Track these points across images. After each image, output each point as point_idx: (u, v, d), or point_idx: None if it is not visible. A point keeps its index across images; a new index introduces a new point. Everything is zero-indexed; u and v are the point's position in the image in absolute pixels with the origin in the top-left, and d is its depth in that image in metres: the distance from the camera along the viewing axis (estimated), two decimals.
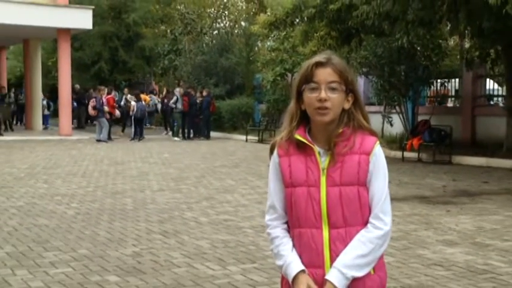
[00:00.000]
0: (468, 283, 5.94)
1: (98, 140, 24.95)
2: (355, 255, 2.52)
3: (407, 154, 18.03)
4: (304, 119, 2.65)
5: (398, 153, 18.17)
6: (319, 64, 2.58)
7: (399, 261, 6.70)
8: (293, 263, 2.61)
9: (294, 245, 2.64)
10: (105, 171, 15.12)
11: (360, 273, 2.53)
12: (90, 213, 9.52)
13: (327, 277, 2.53)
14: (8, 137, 25.70)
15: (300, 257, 2.61)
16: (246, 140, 25.71)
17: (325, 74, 2.56)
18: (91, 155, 19.22)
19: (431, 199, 11.04)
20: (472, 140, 19.44)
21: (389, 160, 16.99)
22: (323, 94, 2.53)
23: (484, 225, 8.69)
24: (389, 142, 19.66)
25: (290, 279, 2.60)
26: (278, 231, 2.71)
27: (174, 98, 27.00)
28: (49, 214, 9.44)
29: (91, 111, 25.72)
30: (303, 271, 2.58)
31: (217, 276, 6.15)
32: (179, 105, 26.74)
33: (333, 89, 2.55)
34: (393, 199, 10.25)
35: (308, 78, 2.58)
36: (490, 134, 18.70)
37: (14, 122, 33.94)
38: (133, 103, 27.01)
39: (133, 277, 6.10)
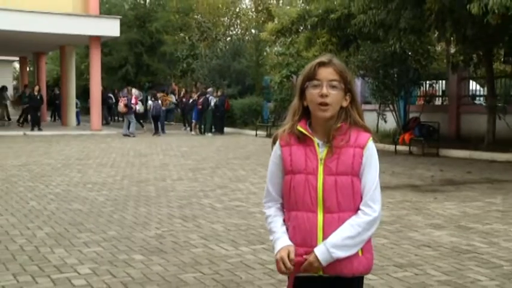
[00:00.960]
0: (453, 262, 5.93)
1: (125, 135, 25.03)
2: (344, 236, 2.52)
3: (399, 147, 18.01)
4: (305, 114, 2.65)
5: (392, 147, 18.14)
6: (322, 64, 2.59)
7: (392, 243, 6.70)
8: (281, 239, 2.63)
9: (289, 226, 2.64)
10: (131, 162, 15.16)
11: (345, 254, 2.52)
12: (118, 200, 9.56)
13: (314, 249, 2.53)
14: (46, 132, 25.80)
15: (294, 237, 2.61)
16: (256, 135, 25.70)
17: (327, 73, 2.57)
18: (118, 148, 19.28)
19: (420, 187, 11.02)
20: (457, 135, 19.44)
21: (384, 153, 17.06)
22: (324, 90, 2.54)
23: (467, 211, 8.67)
24: (384, 137, 19.60)
25: (275, 252, 2.62)
26: (272, 211, 2.73)
27: (212, 98, 26.85)
28: (82, 200, 9.49)
29: (123, 109, 25.80)
30: (287, 245, 2.60)
31: (231, 255, 6.16)
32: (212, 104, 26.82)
33: (333, 87, 2.55)
34: (387, 187, 10.34)
35: (311, 76, 2.58)
36: (473, 129, 18.70)
37: (53, 118, 34.04)
38: (150, 102, 27.08)
39: (156, 256, 6.13)
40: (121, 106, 25.89)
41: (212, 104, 26.48)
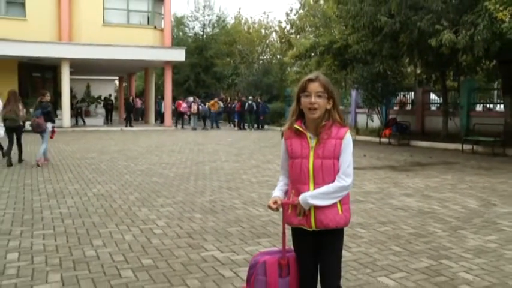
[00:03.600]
0: (419, 220, 5.88)
1: (193, 129, 25.35)
2: (319, 192, 2.52)
3: (382, 140, 17.81)
4: (301, 115, 2.64)
5: (376, 139, 17.96)
6: (310, 80, 2.57)
7: (377, 207, 6.65)
8: (274, 194, 2.70)
9: (291, 194, 2.65)
10: (192, 149, 15.23)
11: (317, 202, 2.52)
12: (183, 175, 9.63)
13: (299, 198, 2.57)
14: (135, 128, 26.05)
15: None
16: (280, 131, 25.52)
17: (314, 87, 2.55)
18: (183, 139, 19.38)
19: (397, 168, 10.90)
20: (422, 130, 19.29)
21: (371, 143, 16.82)
22: (313, 99, 2.53)
23: (429, 184, 8.56)
24: (371, 132, 19.48)
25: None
26: (281, 179, 2.77)
27: (254, 104, 26.88)
28: (159, 175, 9.58)
29: (194, 110, 26.38)
30: (275, 197, 2.67)
31: (262, 215, 6.18)
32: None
33: (319, 96, 2.54)
34: (374, 168, 10.21)
35: (303, 89, 2.57)
36: (433, 127, 18.65)
37: (140, 119, 33.99)
38: (200, 107, 27.31)
39: (210, 215, 6.17)
40: (194, 108, 26.27)
41: (255, 108, 26.66)
